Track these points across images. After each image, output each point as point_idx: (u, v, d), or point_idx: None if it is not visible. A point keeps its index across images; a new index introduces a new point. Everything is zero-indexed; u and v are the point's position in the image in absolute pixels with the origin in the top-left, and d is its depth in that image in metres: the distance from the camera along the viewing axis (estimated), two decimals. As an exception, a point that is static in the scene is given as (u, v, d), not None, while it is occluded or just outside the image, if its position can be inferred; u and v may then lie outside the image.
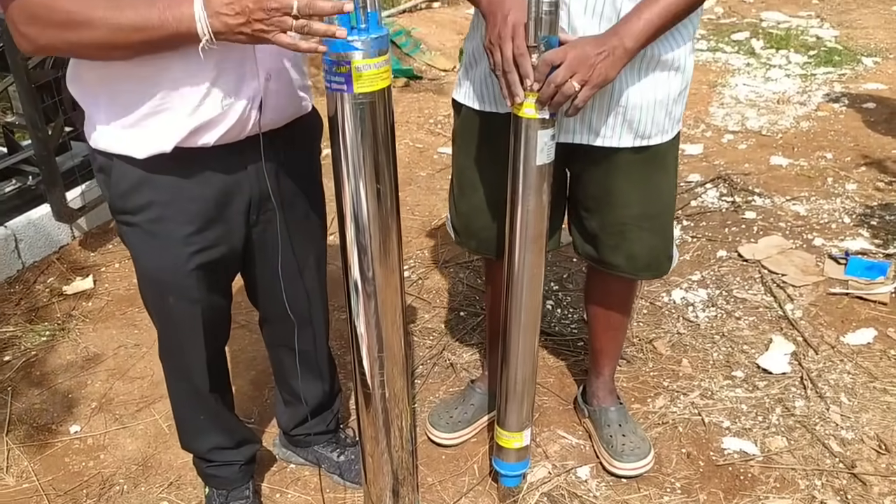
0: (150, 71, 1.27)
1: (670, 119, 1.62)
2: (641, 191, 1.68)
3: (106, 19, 1.18)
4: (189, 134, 1.33)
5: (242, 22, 1.15)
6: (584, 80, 1.35)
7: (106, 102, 1.33)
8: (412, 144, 4.15)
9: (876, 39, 5.62)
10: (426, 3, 6.34)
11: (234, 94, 1.33)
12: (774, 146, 3.96)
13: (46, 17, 1.18)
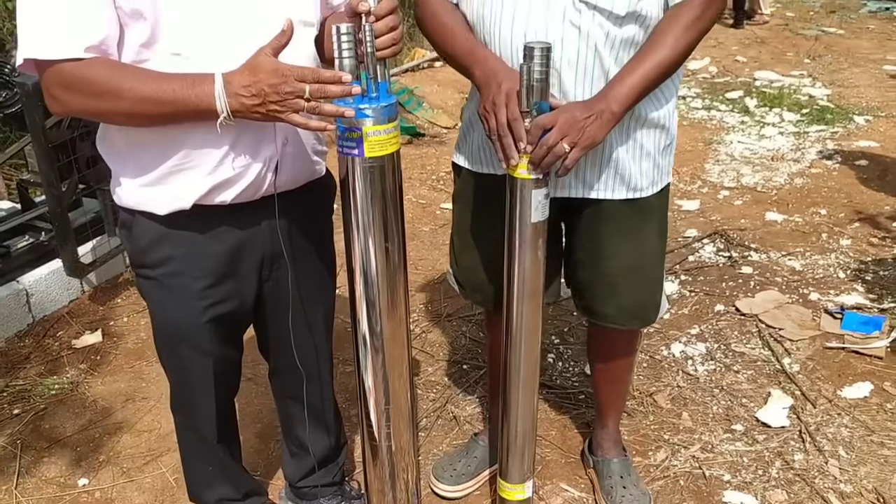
0: (174, 133, 1.35)
1: (659, 171, 1.71)
2: (630, 242, 1.75)
3: (133, 91, 1.26)
4: (208, 192, 1.40)
5: (258, 103, 1.24)
6: (573, 142, 1.43)
7: (132, 162, 1.41)
8: (415, 200, 4.23)
9: (867, 98, 5.76)
10: (428, 62, 6.50)
11: (252, 156, 1.40)
12: (769, 202, 4.05)
13: (78, 85, 1.27)
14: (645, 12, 1.51)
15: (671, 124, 1.70)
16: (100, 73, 1.26)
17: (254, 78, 1.23)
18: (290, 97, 1.23)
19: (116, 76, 1.26)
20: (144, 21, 1.27)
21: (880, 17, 8.64)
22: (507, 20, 1.54)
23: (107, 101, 1.27)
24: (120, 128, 1.39)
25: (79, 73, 1.26)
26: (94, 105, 1.29)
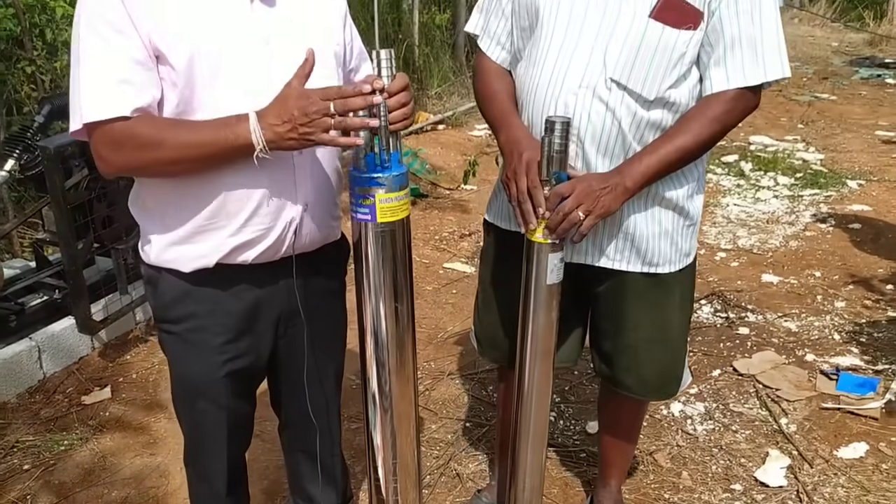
0: (203, 195, 1.45)
1: (677, 251, 1.76)
2: (651, 316, 1.81)
3: (175, 139, 1.36)
4: (231, 251, 1.49)
5: (290, 129, 1.33)
6: (588, 211, 1.52)
7: (161, 221, 1.50)
8: (419, 260, 4.32)
9: (860, 163, 5.90)
10: (432, 125, 6.67)
11: (274, 218, 1.50)
12: (765, 264, 4.14)
13: (124, 141, 1.37)
14: (674, 99, 1.61)
15: (692, 207, 1.75)
16: (144, 127, 1.36)
17: (283, 106, 1.33)
18: (318, 116, 1.32)
19: (160, 128, 1.37)
20: (181, 92, 1.38)
21: (872, 84, 8.86)
22: (542, 87, 1.65)
23: (151, 152, 1.37)
24: (152, 189, 1.49)
25: (126, 131, 1.36)
26: (139, 158, 1.38)
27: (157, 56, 1.36)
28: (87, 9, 1.36)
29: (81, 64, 1.35)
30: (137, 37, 1.34)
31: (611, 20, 1.57)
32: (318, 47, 1.50)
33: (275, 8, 1.47)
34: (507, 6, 1.75)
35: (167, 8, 1.36)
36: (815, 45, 11.20)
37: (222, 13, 1.41)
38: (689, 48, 1.58)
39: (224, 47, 1.39)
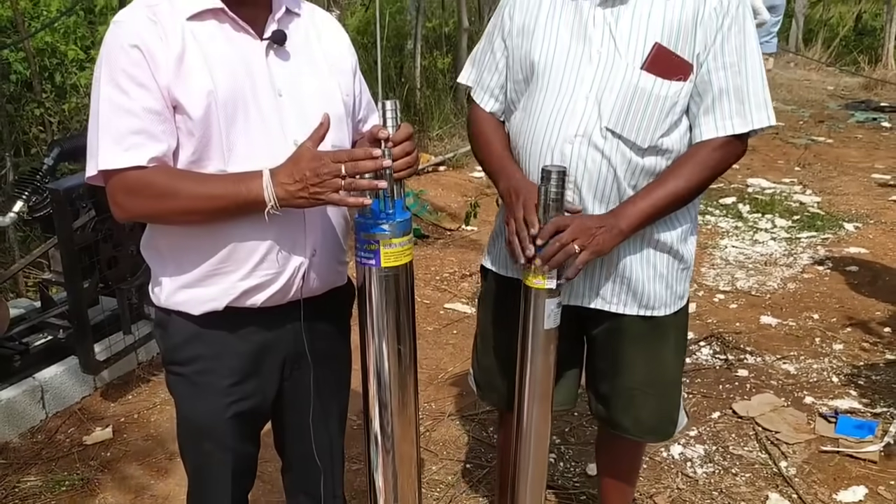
0: (214, 240, 1.49)
1: (672, 294, 1.81)
2: (646, 358, 1.85)
3: (189, 190, 1.41)
4: (240, 295, 1.53)
5: (301, 188, 1.38)
6: (583, 245, 1.58)
7: (173, 265, 1.54)
8: (420, 300, 4.35)
9: (856, 206, 5.96)
10: (433, 167, 6.75)
11: (283, 263, 1.54)
12: (763, 306, 4.17)
13: (140, 189, 1.42)
14: (666, 146, 1.68)
15: (685, 251, 1.81)
16: (160, 177, 1.42)
17: (296, 167, 1.39)
18: (329, 177, 1.37)
19: (175, 178, 1.42)
20: (197, 141, 1.44)
21: (867, 127, 8.96)
22: (538, 137, 1.71)
23: (166, 202, 1.42)
24: (165, 233, 1.54)
25: (142, 180, 1.41)
26: (154, 206, 1.44)
27: (175, 106, 1.42)
28: (108, 60, 1.42)
29: (101, 113, 1.41)
30: (157, 88, 1.40)
31: (605, 72, 1.64)
32: (329, 99, 1.56)
33: (289, 61, 1.53)
34: (501, 60, 1.81)
35: (187, 60, 1.42)
36: (811, 88, 11.35)
37: (239, 65, 1.47)
38: (680, 98, 1.64)
39: (240, 98, 1.45)
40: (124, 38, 1.40)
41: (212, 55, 1.44)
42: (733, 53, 1.63)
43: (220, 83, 1.43)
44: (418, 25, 7.71)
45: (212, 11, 1.46)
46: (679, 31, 1.62)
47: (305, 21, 1.61)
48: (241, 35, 1.49)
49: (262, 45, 1.50)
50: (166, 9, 1.44)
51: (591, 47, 1.65)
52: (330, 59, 1.62)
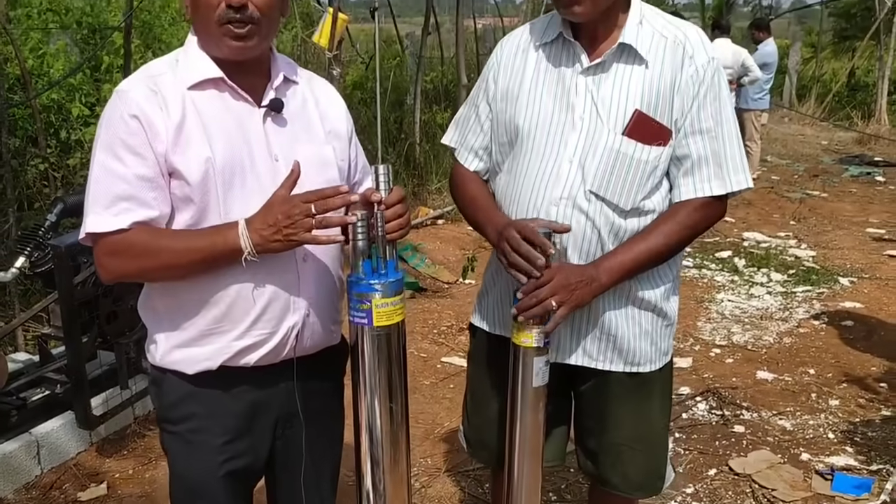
0: (210, 302, 1.53)
1: (657, 350, 1.84)
2: (633, 414, 1.87)
3: (169, 247, 1.47)
4: (234, 355, 1.56)
5: (274, 231, 1.43)
6: (561, 301, 1.63)
7: (169, 325, 1.58)
8: (416, 354, 4.36)
9: (851, 260, 6.01)
10: (431, 220, 6.82)
11: (277, 324, 1.57)
12: (760, 361, 4.18)
13: (122, 250, 1.48)
14: (649, 208, 1.73)
15: (669, 308, 1.85)
16: (140, 237, 1.47)
17: (268, 211, 1.44)
18: (300, 217, 1.42)
19: (154, 237, 1.47)
20: (194, 206, 1.49)
21: (861, 182, 9.08)
22: (524, 198, 1.76)
23: (147, 260, 1.48)
24: (161, 293, 1.58)
25: (124, 241, 1.47)
26: (136, 265, 1.49)
27: (172, 173, 1.47)
28: (107, 128, 1.48)
29: (93, 179, 1.48)
30: (152, 156, 1.45)
31: (588, 138, 1.70)
32: (324, 164, 1.62)
33: (285, 127, 1.59)
34: (486, 123, 1.87)
35: (186, 129, 1.48)
36: (805, 143, 11.52)
37: (237, 132, 1.53)
38: (660, 162, 1.71)
39: (237, 164, 1.51)
40: (125, 107, 1.46)
41: (211, 123, 1.50)
42: (709, 119, 1.70)
43: (218, 150, 1.49)
44: (418, 81, 7.86)
45: (212, 81, 1.53)
46: (658, 98, 1.68)
47: (303, 88, 1.67)
48: (240, 103, 1.55)
49: (259, 113, 1.56)
50: (168, 79, 1.51)
51: (574, 113, 1.72)
52: (326, 125, 1.67)
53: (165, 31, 6.37)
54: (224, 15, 1.47)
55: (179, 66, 1.54)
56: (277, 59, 1.64)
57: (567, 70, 1.74)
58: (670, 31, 1.72)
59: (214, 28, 1.48)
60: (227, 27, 1.47)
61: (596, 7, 1.65)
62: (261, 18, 1.49)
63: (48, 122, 4.98)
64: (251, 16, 1.48)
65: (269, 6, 1.51)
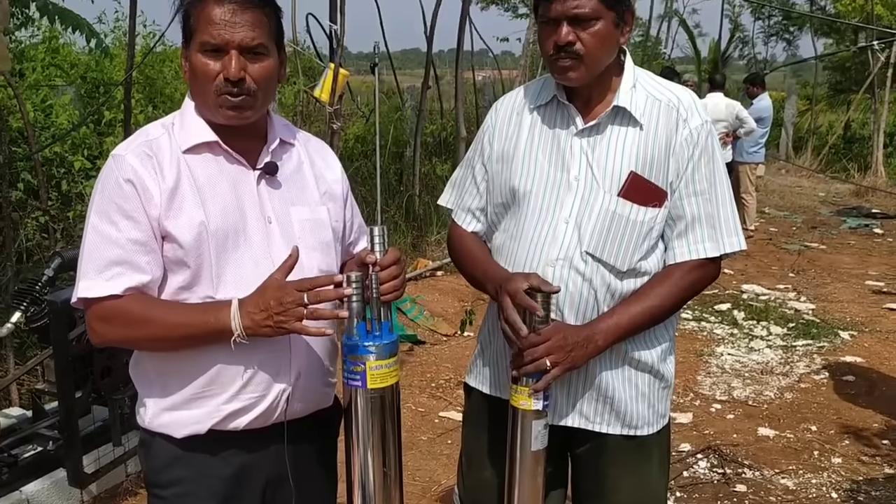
0: (199, 364, 1.52)
1: (654, 413, 1.83)
2: (632, 478, 1.84)
3: (161, 318, 1.47)
4: (223, 419, 1.55)
5: (266, 317, 1.42)
6: (556, 362, 1.62)
7: (159, 388, 1.57)
8: (414, 408, 4.31)
9: (851, 313, 5.99)
10: (430, 271, 6.81)
11: (267, 387, 1.56)
12: (761, 417, 4.13)
13: (114, 317, 1.48)
14: (645, 269, 1.74)
15: (666, 370, 1.83)
16: (133, 306, 1.47)
17: (262, 296, 1.44)
18: (292, 305, 1.41)
19: (147, 307, 1.47)
20: (187, 269, 1.49)
21: (860, 234, 9.11)
22: (521, 259, 1.77)
23: (139, 330, 1.48)
24: (152, 356, 1.57)
25: (117, 308, 1.47)
26: (127, 334, 1.49)
27: (165, 236, 1.48)
28: (101, 191, 1.50)
29: (86, 243, 1.48)
30: (146, 220, 1.46)
31: (584, 199, 1.72)
32: (318, 225, 1.62)
33: (280, 189, 1.60)
34: (482, 184, 1.88)
35: (180, 192, 1.49)
36: (802, 194, 11.59)
37: (231, 195, 1.54)
38: (656, 224, 1.72)
39: (230, 227, 1.52)
40: (119, 172, 1.48)
41: (205, 187, 1.51)
42: (704, 181, 1.72)
43: (212, 214, 1.50)
44: (418, 134, 7.94)
45: (207, 144, 1.55)
46: (653, 160, 1.70)
47: (299, 149, 1.69)
48: (235, 166, 1.57)
49: (254, 175, 1.58)
50: (164, 142, 1.53)
51: (570, 175, 1.73)
52: (322, 186, 1.69)
53: (168, 84, 6.47)
54: (221, 86, 1.49)
55: (175, 130, 1.56)
56: (274, 121, 1.66)
57: (562, 132, 1.76)
58: (664, 94, 1.75)
59: (212, 97, 1.50)
60: (224, 97, 1.49)
61: (590, 72, 1.68)
62: (257, 91, 1.51)
63: (50, 174, 5.02)
64: (248, 88, 1.50)
65: (266, 78, 1.53)
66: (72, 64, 6.08)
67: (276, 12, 1.56)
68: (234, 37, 1.47)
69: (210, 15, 1.47)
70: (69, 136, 5.06)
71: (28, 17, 4.41)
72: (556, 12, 1.63)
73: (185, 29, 1.53)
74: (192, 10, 1.51)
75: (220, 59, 1.48)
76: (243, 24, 1.47)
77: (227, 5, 1.47)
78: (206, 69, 1.48)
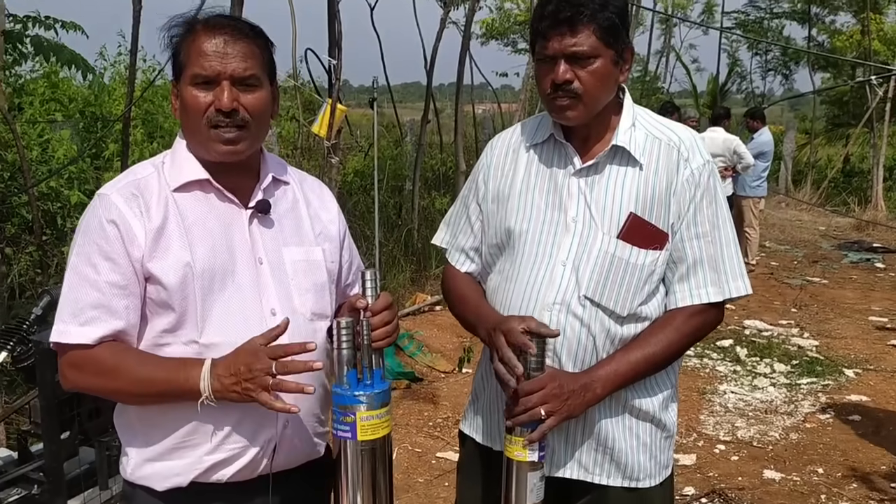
0: (182, 413, 1.46)
1: (656, 464, 1.75)
2: None
3: (129, 371, 1.42)
4: (206, 470, 1.48)
5: (234, 382, 1.37)
6: (551, 411, 1.55)
7: (141, 437, 1.51)
8: (411, 448, 4.22)
9: (855, 350, 5.91)
10: (429, 306, 6.75)
11: (251, 437, 1.49)
12: (766, 458, 4.04)
13: (84, 364, 1.44)
14: (645, 314, 1.67)
15: (667, 418, 1.76)
16: (105, 355, 1.42)
17: (235, 359, 1.38)
18: (260, 374, 1.35)
19: (119, 359, 1.42)
20: (172, 311, 1.43)
21: (862, 268, 9.05)
22: (516, 302, 1.70)
23: (106, 380, 1.43)
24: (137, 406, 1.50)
25: (88, 356, 1.42)
26: (96, 383, 1.45)
27: (148, 277, 1.43)
28: (84, 232, 1.45)
29: (65, 285, 1.44)
30: (127, 263, 1.42)
31: (582, 241, 1.65)
32: (312, 266, 1.57)
33: (272, 229, 1.55)
34: (476, 224, 1.82)
35: (167, 233, 1.44)
36: (802, 228, 11.55)
37: (220, 235, 1.49)
38: (657, 267, 1.65)
39: (218, 269, 1.46)
40: (103, 212, 1.44)
41: (193, 227, 1.47)
42: (706, 223, 1.66)
43: (199, 254, 1.45)
44: (417, 167, 7.93)
45: (197, 182, 1.50)
46: (653, 201, 1.64)
47: (294, 188, 1.64)
48: (226, 204, 1.52)
49: (245, 214, 1.53)
50: (153, 181, 1.49)
51: (567, 215, 1.67)
52: (317, 226, 1.63)
53: (167, 119, 6.47)
54: (213, 118, 1.45)
55: (166, 168, 1.52)
56: (267, 158, 1.61)
57: (559, 171, 1.70)
58: (664, 133, 1.69)
59: (204, 131, 1.46)
60: (216, 131, 1.45)
61: (588, 111, 1.63)
62: (251, 122, 1.47)
63: (45, 209, 4.98)
64: (241, 119, 1.46)
65: (259, 109, 1.49)
66: (70, 98, 6.08)
67: (267, 45, 1.53)
68: (225, 68, 1.44)
69: (201, 47, 1.44)
70: (66, 171, 5.04)
71: (22, 53, 4.41)
72: (554, 50, 1.59)
73: (175, 64, 1.50)
74: (182, 44, 1.48)
75: (212, 90, 1.45)
76: (235, 55, 1.45)
77: (218, 37, 1.44)
78: (197, 102, 1.45)
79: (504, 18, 16.01)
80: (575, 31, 1.57)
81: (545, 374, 1.57)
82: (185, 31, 1.48)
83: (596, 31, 1.57)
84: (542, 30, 1.60)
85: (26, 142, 4.92)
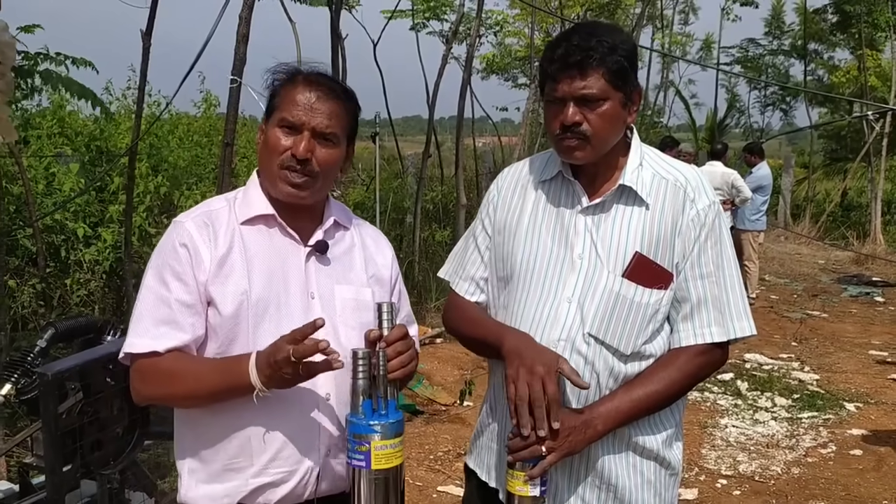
0: (229, 436, 1.55)
1: (661, 501, 1.74)
2: None
3: (192, 373, 1.52)
4: (252, 492, 1.55)
5: (274, 371, 1.43)
6: (551, 448, 1.56)
7: (195, 458, 1.60)
8: (411, 482, 4.21)
9: (856, 384, 5.90)
10: (430, 339, 6.75)
11: (296, 463, 1.56)
12: (768, 493, 4.03)
13: (154, 373, 1.54)
14: (650, 353, 1.68)
15: (672, 456, 1.75)
16: (168, 364, 1.53)
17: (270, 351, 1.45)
18: (285, 363, 1.42)
19: (179, 365, 1.53)
20: (225, 336, 1.54)
21: (861, 302, 9.06)
22: None
23: (171, 384, 1.53)
24: (188, 424, 1.60)
25: (153, 365, 1.53)
26: (161, 388, 1.56)
27: (209, 301, 1.54)
28: (159, 254, 1.58)
29: (139, 301, 1.56)
30: (194, 284, 1.53)
31: (587, 278, 1.67)
32: (361, 306, 1.64)
33: (328, 267, 1.64)
34: (486, 253, 1.83)
35: (230, 262, 1.55)
36: (802, 262, 11.59)
37: (278, 268, 1.58)
38: (661, 306, 1.67)
39: (272, 299, 1.56)
40: (177, 236, 1.56)
41: (254, 258, 1.57)
42: (710, 264, 1.67)
43: (255, 283, 1.55)
44: (418, 200, 7.99)
45: (263, 217, 1.61)
46: (659, 241, 1.66)
47: (353, 233, 1.73)
48: (287, 240, 1.62)
49: (304, 251, 1.62)
50: (223, 214, 1.61)
51: (573, 253, 1.69)
52: (370, 269, 1.71)
53: (172, 152, 6.53)
54: (287, 161, 1.56)
55: (237, 204, 1.64)
56: (332, 205, 1.71)
57: (567, 209, 1.72)
58: (671, 173, 1.71)
59: (276, 170, 1.57)
60: (286, 173, 1.57)
61: (596, 152, 1.65)
62: (319, 173, 1.58)
63: (49, 241, 5.01)
64: (311, 169, 1.57)
65: (330, 165, 1.60)
66: (76, 132, 6.15)
67: (355, 109, 1.66)
68: (311, 120, 1.56)
69: (296, 97, 1.57)
70: (71, 204, 5.08)
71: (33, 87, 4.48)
72: (563, 92, 1.61)
73: (270, 104, 1.62)
74: (280, 89, 1.61)
75: (293, 136, 1.56)
76: (323, 111, 1.57)
77: (313, 92, 1.57)
78: (278, 143, 1.57)
79: (505, 54, 16.20)
80: (585, 75, 1.59)
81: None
82: (287, 79, 1.61)
83: (605, 75, 1.60)
84: (551, 72, 1.63)
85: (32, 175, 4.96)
